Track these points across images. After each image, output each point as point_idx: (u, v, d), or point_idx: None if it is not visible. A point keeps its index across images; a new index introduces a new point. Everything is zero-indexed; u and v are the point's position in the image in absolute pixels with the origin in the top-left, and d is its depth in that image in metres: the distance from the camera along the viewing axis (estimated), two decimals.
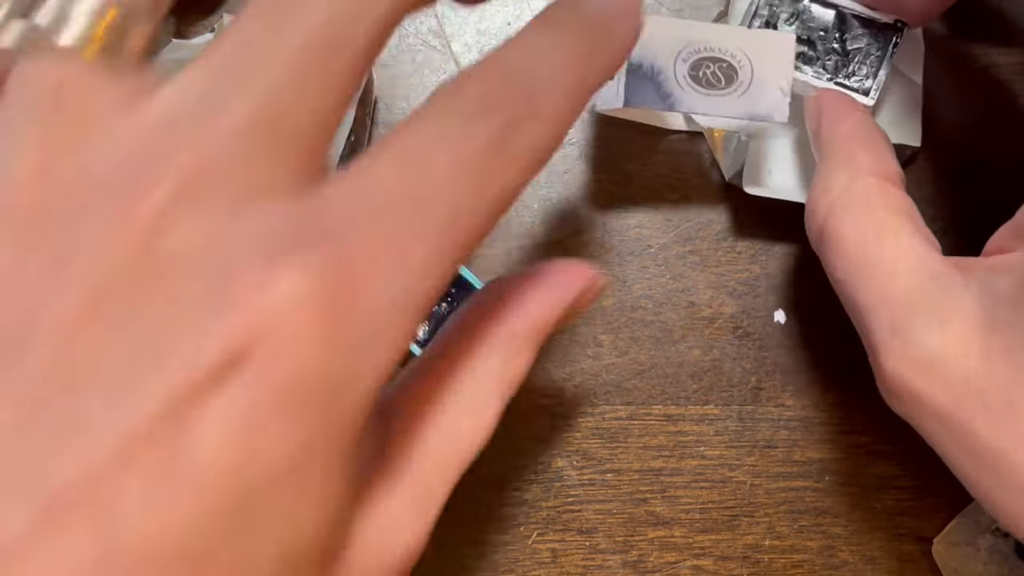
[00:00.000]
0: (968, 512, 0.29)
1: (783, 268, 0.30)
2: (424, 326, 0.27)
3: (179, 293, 0.14)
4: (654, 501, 0.29)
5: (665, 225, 0.30)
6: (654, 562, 0.29)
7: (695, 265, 0.30)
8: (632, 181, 0.30)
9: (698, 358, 0.29)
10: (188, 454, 0.13)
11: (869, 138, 0.24)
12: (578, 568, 0.28)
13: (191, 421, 0.13)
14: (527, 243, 0.29)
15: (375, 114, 0.29)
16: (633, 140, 0.30)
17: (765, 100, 0.26)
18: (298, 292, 0.14)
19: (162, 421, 0.13)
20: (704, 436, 0.29)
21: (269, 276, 0.14)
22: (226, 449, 0.13)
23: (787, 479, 0.29)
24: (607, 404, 0.29)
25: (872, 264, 0.23)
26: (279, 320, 0.14)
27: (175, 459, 0.13)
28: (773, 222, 0.30)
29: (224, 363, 0.13)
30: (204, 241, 0.14)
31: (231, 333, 0.14)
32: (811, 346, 0.29)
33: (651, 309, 0.29)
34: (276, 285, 0.14)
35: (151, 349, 0.14)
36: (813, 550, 0.29)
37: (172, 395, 0.13)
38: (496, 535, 0.28)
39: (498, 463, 0.29)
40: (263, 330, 0.14)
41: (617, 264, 0.29)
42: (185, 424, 0.13)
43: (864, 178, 0.23)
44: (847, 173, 0.24)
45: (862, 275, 0.23)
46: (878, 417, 0.29)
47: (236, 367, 0.13)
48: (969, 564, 0.28)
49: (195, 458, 0.13)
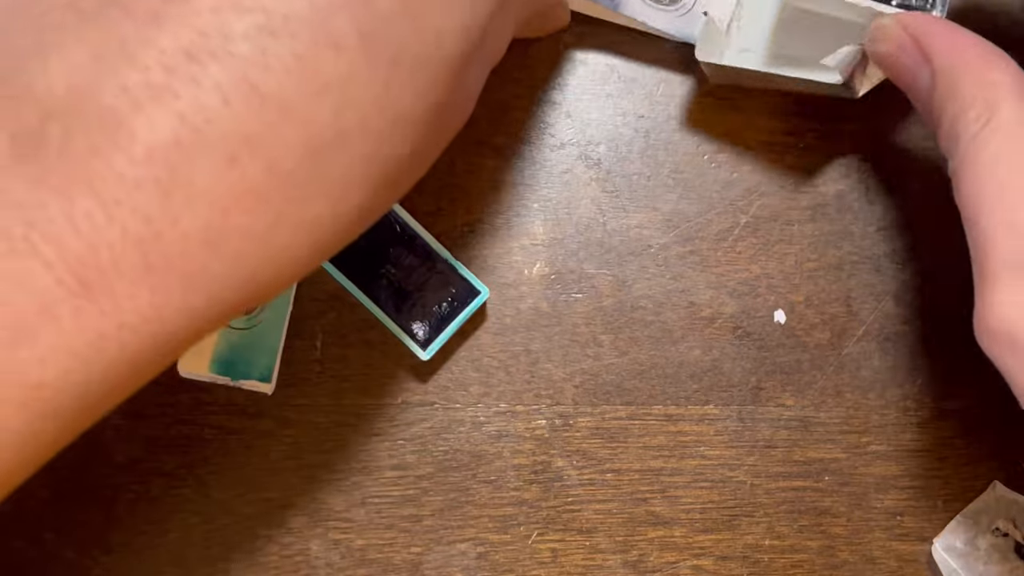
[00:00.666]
0: (968, 512, 0.29)
1: (783, 268, 0.30)
2: (424, 325, 0.27)
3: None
4: (654, 501, 0.29)
5: (665, 225, 0.30)
6: (654, 562, 0.29)
7: (695, 265, 0.30)
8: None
9: (698, 358, 0.29)
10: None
11: (992, 51, 0.23)
12: (578, 568, 0.28)
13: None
14: (527, 243, 0.29)
15: None
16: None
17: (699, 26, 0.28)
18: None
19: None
20: (704, 436, 0.29)
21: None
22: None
23: (787, 479, 0.29)
24: (607, 404, 0.29)
25: (1006, 189, 0.21)
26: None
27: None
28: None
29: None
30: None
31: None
32: (811, 346, 0.29)
33: (651, 309, 0.29)
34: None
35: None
36: (813, 550, 0.29)
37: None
38: (496, 535, 0.28)
39: (497, 462, 0.29)
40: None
41: (617, 264, 0.29)
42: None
43: (1008, 99, 0.22)
44: (991, 94, 0.22)
45: (993, 197, 0.21)
46: (878, 417, 0.29)
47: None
48: (969, 564, 0.28)
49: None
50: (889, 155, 0.30)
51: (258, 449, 0.28)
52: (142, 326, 0.16)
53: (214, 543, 0.28)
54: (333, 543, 0.28)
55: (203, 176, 0.16)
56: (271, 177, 0.16)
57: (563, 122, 0.30)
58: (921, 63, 0.24)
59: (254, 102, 0.16)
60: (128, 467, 0.28)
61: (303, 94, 0.16)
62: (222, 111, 0.16)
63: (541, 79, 0.30)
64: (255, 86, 0.16)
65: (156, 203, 0.16)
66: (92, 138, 0.15)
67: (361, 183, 0.18)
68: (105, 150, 0.15)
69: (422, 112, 0.18)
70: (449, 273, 0.28)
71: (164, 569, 0.28)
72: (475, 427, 0.29)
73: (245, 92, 0.16)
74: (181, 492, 0.28)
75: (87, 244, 0.15)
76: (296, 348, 0.28)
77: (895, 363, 0.29)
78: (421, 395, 0.29)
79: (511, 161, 0.29)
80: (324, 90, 0.16)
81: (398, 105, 0.17)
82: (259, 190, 0.16)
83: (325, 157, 0.17)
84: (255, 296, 0.18)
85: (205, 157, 0.16)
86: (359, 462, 0.29)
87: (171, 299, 0.16)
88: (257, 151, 0.16)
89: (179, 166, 0.16)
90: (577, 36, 0.30)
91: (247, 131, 0.16)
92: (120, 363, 0.16)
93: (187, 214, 0.16)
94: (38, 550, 0.28)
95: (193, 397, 0.28)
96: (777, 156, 0.30)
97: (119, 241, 0.15)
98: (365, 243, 0.28)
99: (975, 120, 0.22)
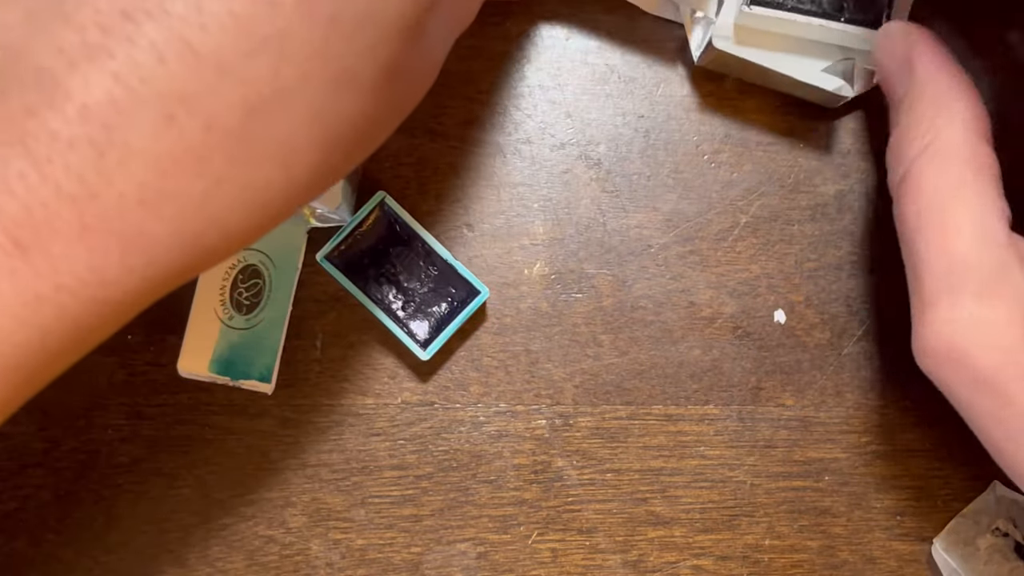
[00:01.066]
0: (968, 512, 0.29)
1: (783, 268, 0.30)
2: (424, 325, 0.27)
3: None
4: (654, 501, 0.29)
5: (665, 225, 0.30)
6: (654, 562, 0.29)
7: (695, 265, 0.30)
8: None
9: (698, 358, 0.29)
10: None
11: (968, 87, 0.24)
12: (578, 568, 0.28)
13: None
14: (527, 243, 0.29)
15: None
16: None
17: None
18: None
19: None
20: (704, 436, 0.29)
21: None
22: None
23: (787, 479, 0.29)
24: (607, 404, 0.29)
25: (943, 216, 0.22)
26: None
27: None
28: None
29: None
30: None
31: None
32: (811, 346, 0.29)
33: (651, 309, 0.29)
34: None
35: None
36: (813, 550, 0.29)
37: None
38: (496, 535, 0.28)
39: (497, 462, 0.29)
40: None
41: (617, 264, 0.29)
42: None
43: (958, 128, 0.23)
44: (944, 119, 0.23)
45: (931, 225, 0.22)
46: (878, 417, 0.29)
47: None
48: (969, 564, 0.28)
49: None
50: None
51: (258, 449, 0.28)
52: (81, 289, 0.16)
53: (214, 543, 0.28)
54: (333, 543, 0.28)
55: (139, 136, 0.16)
56: (210, 137, 0.16)
57: (563, 122, 0.30)
58: (905, 72, 0.24)
59: (190, 60, 0.16)
60: (128, 467, 0.28)
61: (240, 52, 0.16)
62: (157, 70, 0.16)
63: (541, 79, 0.30)
64: (191, 44, 0.16)
65: (91, 163, 0.16)
66: (27, 98, 0.15)
67: (308, 144, 0.17)
68: (40, 111, 0.15)
69: (370, 72, 0.18)
70: (449, 273, 0.28)
71: (164, 569, 0.28)
72: (475, 427, 0.29)
73: (181, 50, 0.16)
74: (181, 492, 0.28)
75: (21, 205, 0.15)
76: (296, 348, 0.28)
77: (895, 363, 0.29)
78: (421, 395, 0.29)
79: (511, 161, 0.29)
80: (261, 47, 0.16)
81: (340, 63, 0.17)
82: (198, 150, 0.16)
83: (267, 116, 0.17)
84: (202, 260, 0.18)
85: (140, 116, 0.16)
86: (359, 462, 0.29)
87: (109, 260, 0.16)
88: (195, 110, 0.16)
89: (114, 126, 0.15)
90: (577, 36, 0.30)
91: (184, 90, 0.16)
92: (61, 326, 0.16)
93: (122, 174, 0.16)
94: (38, 550, 0.28)
95: (193, 397, 0.28)
96: (777, 156, 0.30)
97: (53, 200, 0.15)
98: (365, 243, 0.28)
99: (920, 138, 0.23)
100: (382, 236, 0.28)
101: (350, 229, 0.27)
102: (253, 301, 0.27)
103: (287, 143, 0.17)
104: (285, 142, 0.17)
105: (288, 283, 0.27)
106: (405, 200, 0.29)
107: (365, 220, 0.27)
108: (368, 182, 0.29)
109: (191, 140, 0.16)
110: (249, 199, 0.17)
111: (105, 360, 0.28)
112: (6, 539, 0.28)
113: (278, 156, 0.17)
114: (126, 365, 0.28)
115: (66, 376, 0.28)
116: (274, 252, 0.27)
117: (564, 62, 0.30)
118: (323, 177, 0.19)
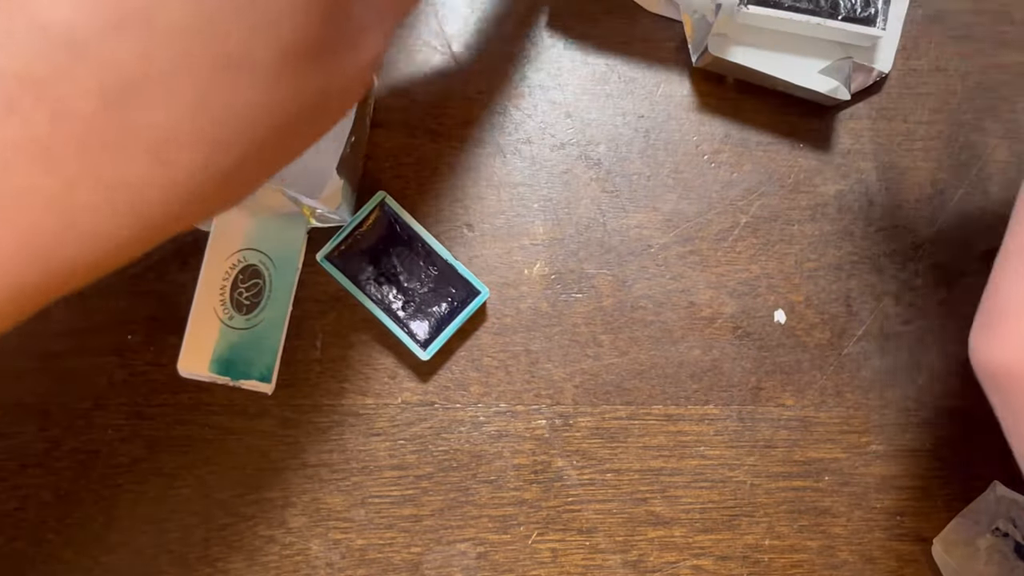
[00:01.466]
0: (968, 512, 0.29)
1: (783, 268, 0.30)
2: (424, 326, 0.27)
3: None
4: (654, 501, 0.29)
5: (665, 225, 0.30)
6: (654, 562, 0.29)
7: (695, 265, 0.30)
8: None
9: (698, 358, 0.29)
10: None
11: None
12: (578, 568, 0.28)
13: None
14: (527, 243, 0.29)
15: (375, 114, 0.29)
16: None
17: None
18: None
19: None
20: (704, 436, 0.29)
21: None
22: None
23: (787, 479, 0.29)
24: (607, 404, 0.29)
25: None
26: None
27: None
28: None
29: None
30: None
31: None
32: (811, 346, 0.29)
33: (651, 309, 0.29)
34: None
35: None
36: (813, 550, 0.29)
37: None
38: (496, 535, 0.28)
39: (497, 462, 0.29)
40: None
41: (617, 264, 0.29)
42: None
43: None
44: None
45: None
46: (878, 417, 0.29)
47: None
48: (969, 564, 0.28)
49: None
50: (889, 155, 0.30)
51: (258, 449, 0.28)
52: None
53: (214, 543, 0.28)
54: (333, 543, 0.28)
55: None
56: (60, 126, 0.14)
57: (563, 122, 0.30)
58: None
59: (37, 40, 0.13)
60: (128, 467, 0.28)
61: (97, 29, 0.14)
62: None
63: (541, 79, 0.30)
64: (35, 18, 0.13)
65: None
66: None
67: (192, 138, 0.15)
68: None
69: (269, 54, 0.15)
70: (449, 273, 0.28)
71: (164, 569, 0.28)
72: (475, 427, 0.29)
73: (24, 26, 0.13)
74: (181, 492, 0.28)
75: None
76: (296, 348, 0.28)
77: (895, 363, 0.29)
78: (421, 395, 0.29)
79: (511, 161, 0.29)
80: (125, 23, 0.14)
81: (228, 42, 0.15)
82: (44, 141, 0.14)
83: (134, 104, 0.14)
84: (65, 273, 0.15)
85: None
86: (359, 462, 0.29)
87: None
88: (43, 97, 0.14)
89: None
90: (577, 36, 0.30)
91: (27, 72, 0.13)
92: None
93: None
94: (38, 550, 0.28)
95: (193, 397, 0.28)
96: (777, 156, 0.30)
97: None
98: (365, 243, 0.28)
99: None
100: (382, 236, 0.28)
101: (350, 229, 0.27)
102: (253, 301, 0.27)
103: (164, 136, 0.15)
104: (161, 135, 0.15)
105: (288, 283, 0.27)
106: (405, 200, 0.29)
107: (365, 220, 0.27)
108: (368, 182, 0.29)
109: (36, 130, 0.14)
110: (119, 200, 0.15)
111: (105, 360, 0.28)
112: (6, 539, 0.28)
113: (152, 151, 0.15)
114: (126, 365, 0.28)
115: (66, 376, 0.28)
116: (274, 252, 0.27)
117: (564, 62, 0.30)
118: (221, 181, 0.16)
